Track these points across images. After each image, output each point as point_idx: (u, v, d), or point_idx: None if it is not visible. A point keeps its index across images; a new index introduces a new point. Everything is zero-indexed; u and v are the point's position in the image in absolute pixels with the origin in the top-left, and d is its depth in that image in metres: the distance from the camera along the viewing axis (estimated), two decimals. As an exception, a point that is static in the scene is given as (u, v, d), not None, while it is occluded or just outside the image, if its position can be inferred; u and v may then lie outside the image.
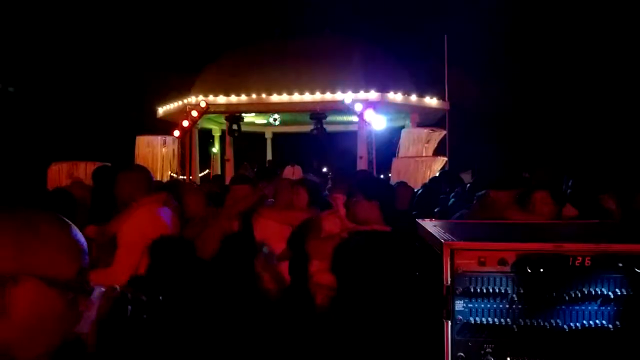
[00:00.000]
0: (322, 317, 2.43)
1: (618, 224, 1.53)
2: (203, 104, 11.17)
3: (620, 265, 1.28)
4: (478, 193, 3.04)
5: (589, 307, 1.29)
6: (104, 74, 16.72)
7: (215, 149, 13.80)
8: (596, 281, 1.29)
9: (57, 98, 16.56)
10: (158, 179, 9.11)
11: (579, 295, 1.28)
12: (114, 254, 2.38)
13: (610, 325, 1.27)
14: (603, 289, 1.28)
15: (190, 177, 11.49)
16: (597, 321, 1.28)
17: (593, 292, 1.28)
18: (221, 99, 11.37)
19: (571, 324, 1.29)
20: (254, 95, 11.17)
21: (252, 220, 3.46)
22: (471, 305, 1.33)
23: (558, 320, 1.29)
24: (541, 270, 1.27)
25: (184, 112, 11.45)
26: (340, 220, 2.44)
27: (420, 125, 11.72)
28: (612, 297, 1.27)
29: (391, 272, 1.99)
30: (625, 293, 1.27)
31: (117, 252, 2.37)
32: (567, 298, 1.29)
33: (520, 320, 1.30)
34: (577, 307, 1.29)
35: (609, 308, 1.28)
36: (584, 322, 1.28)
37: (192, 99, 11.48)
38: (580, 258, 1.29)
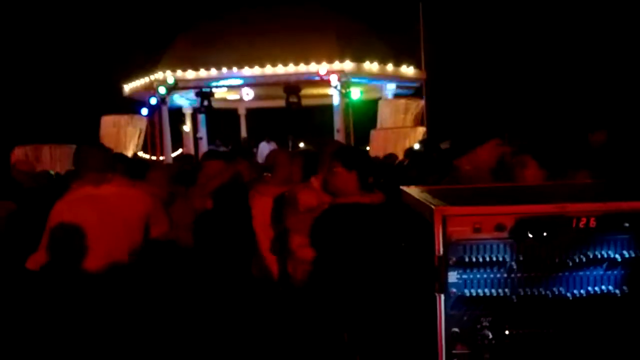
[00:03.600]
0: (305, 293, 2.30)
1: (624, 181, 1.41)
2: (171, 80, 10.70)
3: (627, 225, 1.16)
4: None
5: (594, 273, 1.18)
6: (66, 50, 15.85)
7: (187, 127, 13.33)
8: (602, 244, 1.17)
9: (17, 79, 15.67)
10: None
11: (584, 259, 1.17)
12: None
13: (617, 291, 1.16)
14: (609, 252, 1.17)
15: (162, 157, 11.11)
16: (603, 287, 1.17)
17: (598, 256, 1.17)
18: (190, 74, 10.90)
19: (575, 291, 1.17)
20: (224, 69, 10.75)
21: (249, 198, 3.26)
22: (466, 277, 1.20)
23: (561, 288, 1.18)
24: (544, 234, 1.14)
25: (151, 88, 10.95)
26: (315, 193, 2.29)
27: (398, 95, 11.56)
28: (619, 260, 1.16)
29: (375, 244, 1.85)
30: (633, 255, 1.16)
31: None
32: (570, 264, 1.17)
33: (520, 290, 1.19)
34: (582, 273, 1.18)
35: (615, 272, 1.17)
36: (589, 288, 1.17)
37: (160, 75, 10.97)
38: (584, 219, 1.16)
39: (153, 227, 2.39)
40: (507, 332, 1.19)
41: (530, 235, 1.14)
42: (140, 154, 11.06)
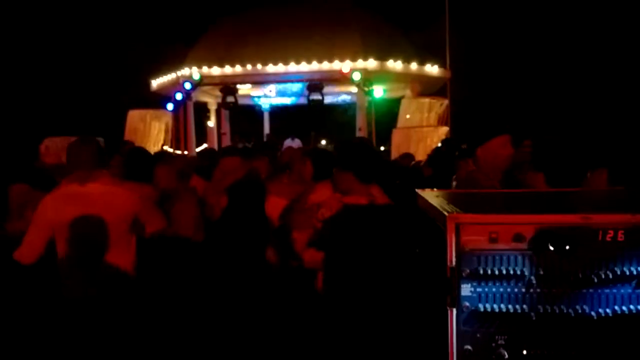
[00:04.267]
0: (316, 298, 2.25)
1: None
2: (196, 76, 10.80)
3: (660, 240, 1.06)
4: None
5: (622, 290, 1.08)
6: (96, 47, 16.25)
7: (212, 122, 13.48)
8: (630, 259, 1.07)
9: (48, 73, 16.15)
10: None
11: (610, 276, 1.07)
12: None
13: (648, 312, 1.06)
14: (639, 268, 1.07)
15: (186, 152, 11.25)
16: (631, 306, 1.07)
17: (627, 272, 1.07)
18: (215, 71, 10.99)
19: (600, 310, 1.08)
20: (249, 66, 10.79)
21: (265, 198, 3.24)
22: (480, 290, 1.12)
23: (585, 306, 1.09)
24: (566, 246, 1.05)
25: (177, 84, 11.09)
26: (330, 190, 2.25)
27: (421, 94, 11.36)
28: (650, 278, 1.06)
29: (383, 249, 1.78)
30: (666, 273, 1.06)
31: None
32: (595, 280, 1.08)
33: (539, 306, 1.10)
34: (608, 290, 1.08)
35: (646, 291, 1.07)
36: (616, 307, 1.08)
37: (186, 71, 11.11)
38: (611, 232, 1.07)
39: (147, 225, 2.34)
40: (524, 352, 1.11)
41: (552, 248, 1.06)
42: (166, 148, 11.24)
